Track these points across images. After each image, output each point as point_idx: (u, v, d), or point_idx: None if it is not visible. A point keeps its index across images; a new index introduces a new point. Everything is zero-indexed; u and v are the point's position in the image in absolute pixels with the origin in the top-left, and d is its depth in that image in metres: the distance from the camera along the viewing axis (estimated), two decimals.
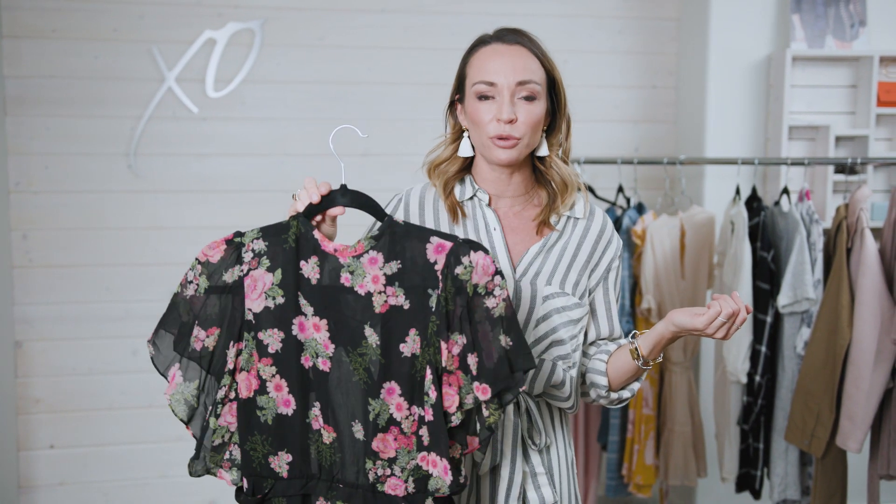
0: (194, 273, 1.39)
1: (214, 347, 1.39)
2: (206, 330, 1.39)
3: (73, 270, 3.32)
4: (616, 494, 3.17)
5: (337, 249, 1.38)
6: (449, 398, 1.33)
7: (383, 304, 1.36)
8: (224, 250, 1.39)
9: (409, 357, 1.35)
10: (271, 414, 1.40)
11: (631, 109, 3.62)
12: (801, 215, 2.84)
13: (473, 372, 1.32)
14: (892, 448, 2.60)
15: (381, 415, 1.37)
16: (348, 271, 1.37)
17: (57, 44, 3.24)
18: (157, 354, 1.41)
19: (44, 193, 3.28)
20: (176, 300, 1.40)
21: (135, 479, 3.42)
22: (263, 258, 1.39)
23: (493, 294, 1.31)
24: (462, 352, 1.32)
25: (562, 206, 1.58)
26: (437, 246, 1.34)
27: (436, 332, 1.33)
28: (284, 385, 1.39)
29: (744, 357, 2.88)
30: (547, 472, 1.58)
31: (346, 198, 1.41)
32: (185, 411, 1.42)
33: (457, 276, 1.32)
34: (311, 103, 3.41)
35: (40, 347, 3.32)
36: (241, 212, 3.40)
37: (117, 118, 3.30)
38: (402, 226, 1.37)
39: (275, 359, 1.39)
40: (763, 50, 3.34)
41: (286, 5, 3.36)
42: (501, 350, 1.30)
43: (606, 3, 3.56)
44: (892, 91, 3.27)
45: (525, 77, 1.50)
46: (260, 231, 1.41)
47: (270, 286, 1.38)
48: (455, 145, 1.61)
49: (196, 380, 1.41)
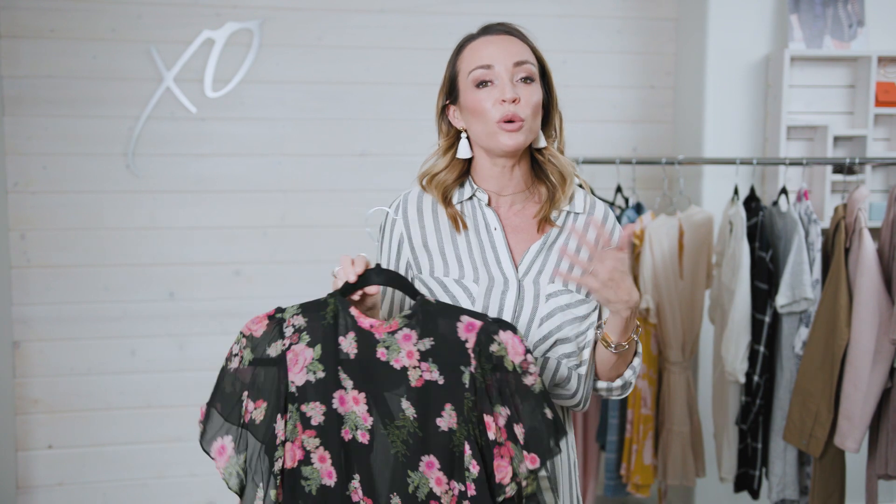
0: (239, 346, 1.44)
1: (261, 420, 1.44)
2: (254, 402, 1.44)
3: (71, 270, 3.32)
4: (614, 494, 3.17)
5: (373, 325, 1.43)
6: (502, 469, 1.37)
7: (419, 379, 1.40)
8: (266, 325, 1.44)
9: (447, 431, 1.39)
10: (315, 485, 1.44)
11: (629, 109, 3.62)
12: (800, 215, 2.84)
13: (521, 441, 1.36)
14: (890, 448, 2.60)
15: (420, 488, 1.40)
16: (384, 346, 1.42)
17: (55, 44, 3.24)
18: (204, 434, 1.45)
19: (42, 193, 3.28)
20: (222, 375, 1.45)
21: (133, 480, 3.42)
22: (303, 333, 1.44)
23: (529, 372, 1.37)
24: (507, 422, 1.37)
25: (562, 198, 1.57)
26: (468, 325, 1.39)
27: (471, 407, 1.37)
28: (328, 457, 1.44)
29: (742, 357, 2.88)
30: (550, 475, 1.58)
31: (381, 277, 1.46)
32: (237, 483, 1.45)
33: (492, 354, 1.37)
34: (310, 103, 3.41)
35: (38, 348, 3.32)
36: (240, 212, 3.40)
37: (115, 118, 3.30)
38: (434, 304, 1.42)
39: (318, 431, 1.44)
40: (761, 50, 3.35)
41: (284, 5, 3.36)
42: (549, 422, 1.36)
43: (604, 4, 3.56)
44: (891, 91, 3.27)
45: (521, 57, 1.50)
46: (300, 307, 1.46)
47: (311, 361, 1.43)
48: (451, 152, 1.60)
49: (245, 452, 1.44)
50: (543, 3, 3.52)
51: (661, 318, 2.98)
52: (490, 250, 1.56)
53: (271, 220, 3.43)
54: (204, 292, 3.40)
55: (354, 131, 3.45)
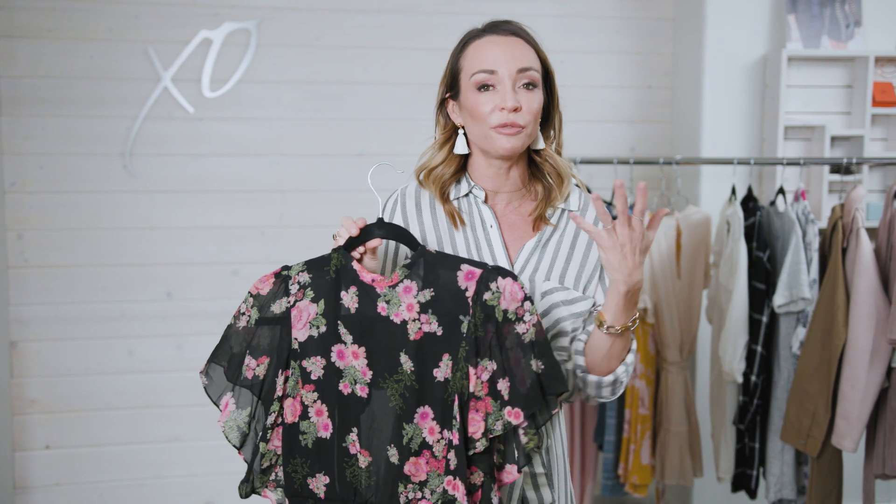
0: (246, 305, 1.47)
1: (265, 376, 1.46)
2: (256, 359, 1.46)
3: (69, 271, 3.31)
4: (612, 494, 3.17)
5: (375, 280, 1.44)
6: (474, 424, 1.38)
7: (417, 332, 1.41)
8: (273, 283, 1.47)
9: (442, 382, 1.40)
10: (312, 438, 1.47)
11: (627, 109, 3.62)
12: (797, 215, 2.84)
13: (505, 397, 1.36)
14: (887, 447, 2.60)
15: (413, 439, 1.41)
16: (384, 301, 1.43)
17: (52, 44, 3.23)
18: (210, 384, 1.49)
19: (39, 193, 3.27)
20: (228, 332, 1.48)
21: (131, 480, 3.42)
22: (308, 289, 1.46)
23: (524, 319, 1.37)
24: (492, 377, 1.37)
25: (558, 197, 1.56)
26: (468, 273, 1.40)
27: (465, 357, 1.38)
28: (325, 410, 1.46)
29: (740, 357, 2.89)
30: (546, 472, 1.58)
31: (382, 230, 1.47)
32: (238, 437, 1.48)
33: (485, 302, 1.37)
34: (307, 103, 3.41)
35: (36, 348, 3.31)
36: (237, 212, 3.39)
37: (113, 118, 3.29)
38: (434, 254, 1.43)
39: (316, 385, 1.46)
40: (759, 50, 3.35)
41: (282, 5, 3.36)
42: (533, 375, 1.35)
43: (602, 4, 3.56)
44: (888, 91, 3.28)
45: (525, 64, 1.49)
46: (305, 264, 1.48)
47: (315, 316, 1.45)
48: (448, 146, 1.59)
49: (248, 407, 1.47)
50: (542, 2, 3.52)
51: (658, 318, 2.98)
52: (486, 247, 1.56)
53: (269, 220, 3.43)
54: (202, 292, 3.40)
55: (352, 131, 3.45)
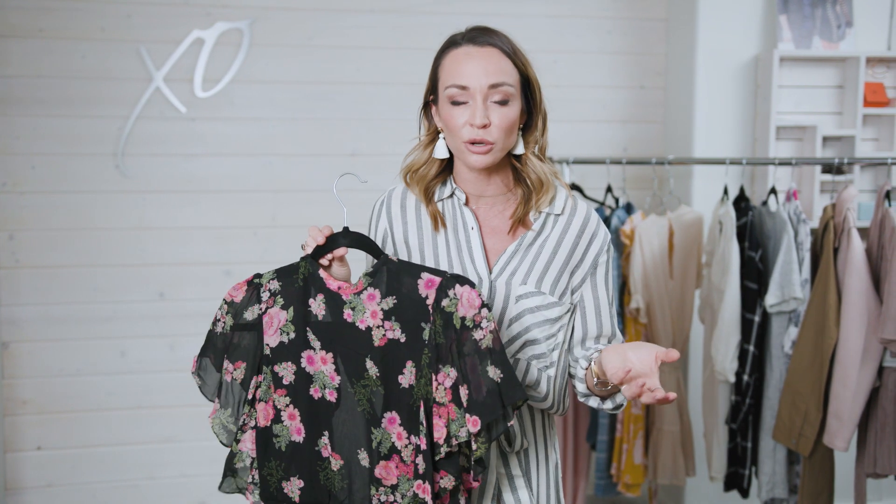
0: (222, 312, 1.51)
1: (242, 380, 1.52)
2: (233, 363, 1.51)
3: (61, 271, 3.30)
4: (605, 494, 3.18)
5: (341, 287, 1.48)
6: (438, 429, 1.40)
7: (382, 338, 1.45)
8: (246, 290, 1.51)
9: (407, 388, 1.43)
10: (285, 441, 1.51)
11: (619, 109, 3.63)
12: (789, 215, 2.85)
13: (465, 404, 1.38)
14: (878, 446, 2.61)
15: (383, 443, 1.45)
16: (350, 307, 1.47)
17: (44, 43, 3.22)
18: (204, 384, 1.53)
19: (30, 194, 3.26)
20: (210, 335, 1.52)
21: (123, 481, 3.41)
22: (278, 297, 1.50)
23: (481, 326, 1.38)
24: (454, 384, 1.39)
25: (538, 202, 1.56)
26: (428, 281, 1.43)
27: (428, 364, 1.41)
28: (297, 414, 1.50)
29: (732, 356, 2.89)
30: (524, 474, 1.58)
31: (347, 239, 1.50)
32: (225, 436, 1.53)
33: (444, 309, 1.40)
34: (300, 103, 3.40)
35: (27, 348, 3.30)
36: (230, 212, 3.39)
37: (105, 118, 3.28)
38: (396, 263, 1.46)
39: (288, 390, 1.50)
40: (750, 50, 3.36)
41: (274, 5, 3.35)
42: (491, 382, 1.37)
43: (595, 4, 3.56)
44: (879, 91, 3.29)
45: (497, 80, 1.47)
46: (275, 272, 1.52)
47: (285, 322, 1.50)
48: (431, 148, 1.59)
49: (229, 407, 1.53)
50: (534, 3, 3.52)
51: (650, 318, 2.99)
52: (466, 249, 1.56)
53: (262, 220, 3.42)
54: (194, 292, 3.40)
55: (345, 131, 3.45)
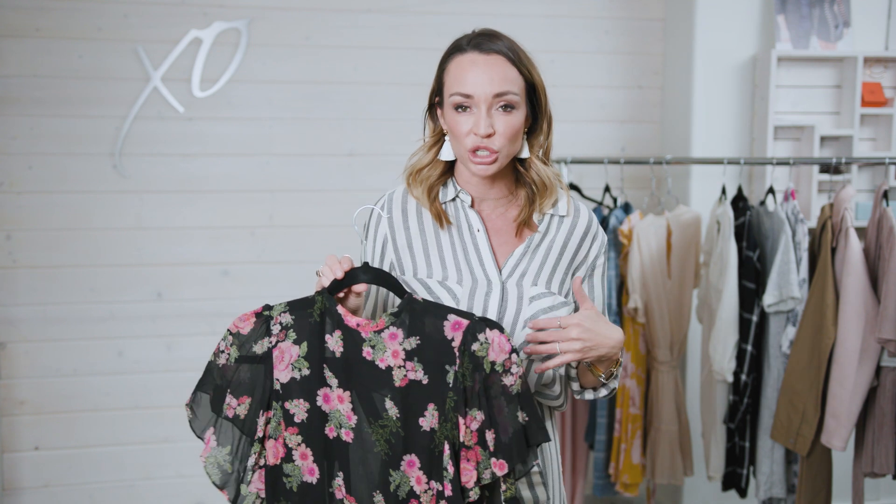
0: (226, 343, 1.45)
1: (245, 416, 1.45)
2: (237, 398, 1.45)
3: (58, 271, 3.30)
4: (603, 493, 3.17)
5: (359, 324, 1.42)
6: (467, 473, 1.37)
7: (403, 378, 1.41)
8: (254, 322, 1.45)
9: (428, 431, 1.39)
10: (297, 481, 1.46)
11: (617, 109, 3.63)
12: (787, 215, 2.85)
13: (490, 448, 1.36)
14: (876, 446, 2.62)
15: (401, 486, 1.41)
16: (370, 345, 1.42)
17: (40, 43, 3.22)
18: (195, 419, 1.47)
19: (27, 194, 3.25)
20: (210, 367, 1.46)
21: (120, 481, 3.40)
22: (290, 331, 1.45)
23: (511, 372, 1.36)
24: (480, 427, 1.37)
25: (542, 205, 1.57)
26: (455, 323, 1.39)
27: (453, 407, 1.37)
28: (310, 454, 1.46)
29: (730, 356, 2.90)
30: (541, 470, 1.59)
31: (368, 275, 1.45)
32: (219, 476, 1.46)
33: (474, 353, 1.36)
34: (297, 103, 3.40)
35: (24, 349, 3.30)
36: (227, 212, 3.38)
37: (102, 118, 3.28)
38: (421, 303, 1.42)
39: (300, 428, 1.45)
40: (748, 50, 3.36)
41: (272, 5, 3.35)
42: (518, 425, 1.36)
43: (592, 4, 3.56)
44: (876, 91, 3.29)
45: (502, 88, 1.47)
46: (287, 305, 1.46)
47: (297, 358, 1.44)
48: (436, 149, 1.59)
49: (228, 445, 1.46)
50: (531, 3, 3.52)
51: (649, 318, 2.99)
52: (473, 252, 1.56)
53: (259, 220, 3.42)
54: (192, 293, 3.39)
55: (342, 131, 3.44)
